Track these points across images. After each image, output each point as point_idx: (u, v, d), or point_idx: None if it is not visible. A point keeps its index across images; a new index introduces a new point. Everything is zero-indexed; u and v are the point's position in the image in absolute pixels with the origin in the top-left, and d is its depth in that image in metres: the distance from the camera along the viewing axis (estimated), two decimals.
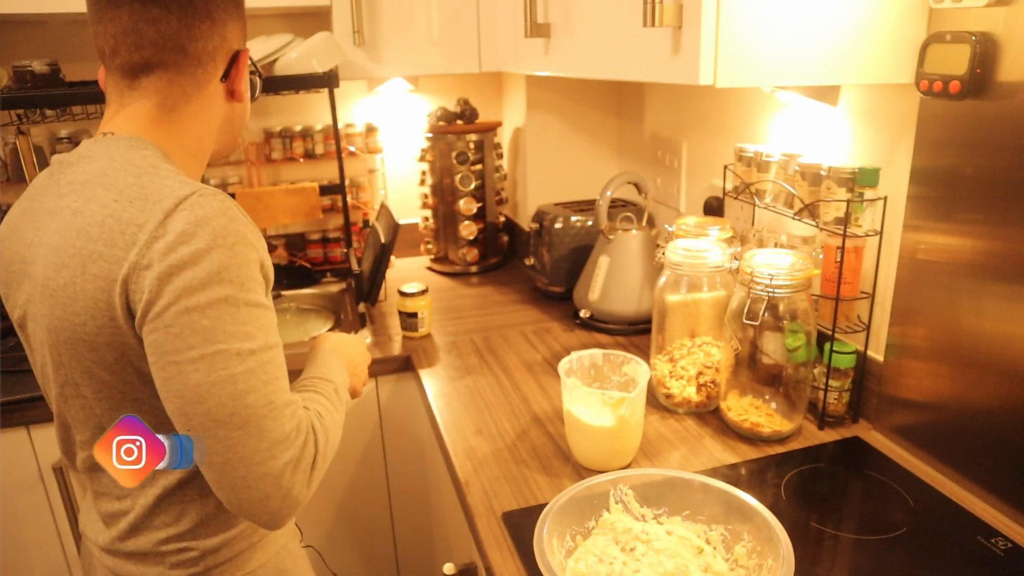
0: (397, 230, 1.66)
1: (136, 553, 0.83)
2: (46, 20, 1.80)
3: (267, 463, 0.70)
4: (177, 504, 0.81)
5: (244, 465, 0.70)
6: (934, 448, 1.05)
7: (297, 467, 0.72)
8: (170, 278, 0.68)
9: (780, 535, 0.76)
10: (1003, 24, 0.87)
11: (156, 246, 0.69)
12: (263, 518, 0.73)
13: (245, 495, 0.71)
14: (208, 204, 0.71)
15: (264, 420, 0.70)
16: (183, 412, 0.70)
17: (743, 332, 1.11)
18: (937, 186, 1.00)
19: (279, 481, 0.71)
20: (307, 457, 0.73)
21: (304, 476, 0.73)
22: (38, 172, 1.67)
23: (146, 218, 0.70)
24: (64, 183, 0.77)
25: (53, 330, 0.75)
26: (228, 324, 0.70)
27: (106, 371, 0.75)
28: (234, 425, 0.69)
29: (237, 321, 0.70)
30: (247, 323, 0.71)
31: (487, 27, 1.73)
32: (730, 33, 0.86)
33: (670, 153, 1.73)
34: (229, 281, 0.70)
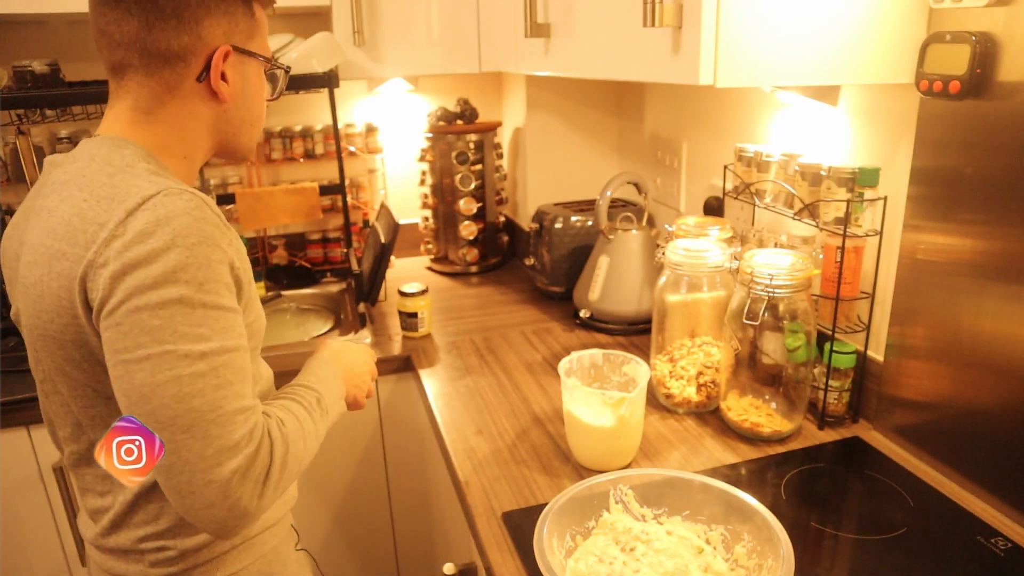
0: (397, 230, 1.66)
1: (118, 550, 0.83)
2: (46, 20, 1.80)
3: (212, 470, 0.68)
4: (155, 503, 0.81)
5: (188, 470, 0.68)
6: (934, 448, 1.05)
7: (246, 476, 0.70)
8: (123, 276, 0.68)
9: (780, 535, 0.76)
10: (1003, 24, 0.87)
11: (114, 244, 0.68)
12: (210, 526, 0.70)
13: (190, 501, 0.69)
14: (172, 203, 0.70)
15: (210, 426, 0.68)
16: (129, 412, 0.69)
17: (743, 332, 1.11)
18: (937, 186, 1.00)
19: (225, 490, 0.69)
20: (259, 467, 0.71)
21: (254, 486, 0.71)
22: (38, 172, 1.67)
23: (108, 217, 0.70)
24: (49, 183, 0.78)
25: (29, 327, 0.77)
26: (180, 325, 0.68)
27: (76, 369, 0.75)
28: (177, 428, 0.68)
29: (191, 322, 0.68)
30: (202, 325, 0.69)
31: (487, 27, 1.73)
32: (730, 33, 0.86)
33: (670, 153, 1.73)
34: (185, 281, 0.68)
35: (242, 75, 0.83)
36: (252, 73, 0.85)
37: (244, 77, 0.83)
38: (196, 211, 0.71)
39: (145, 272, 0.67)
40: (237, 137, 0.87)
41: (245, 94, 0.84)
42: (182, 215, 0.70)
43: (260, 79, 0.86)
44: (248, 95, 0.85)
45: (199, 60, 0.79)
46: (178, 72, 0.79)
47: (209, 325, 0.70)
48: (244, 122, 0.86)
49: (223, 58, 0.79)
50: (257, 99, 0.86)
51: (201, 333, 0.69)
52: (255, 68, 0.85)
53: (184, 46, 0.78)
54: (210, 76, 0.79)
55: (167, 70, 0.78)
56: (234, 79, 0.82)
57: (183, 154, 0.83)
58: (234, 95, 0.83)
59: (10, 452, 1.41)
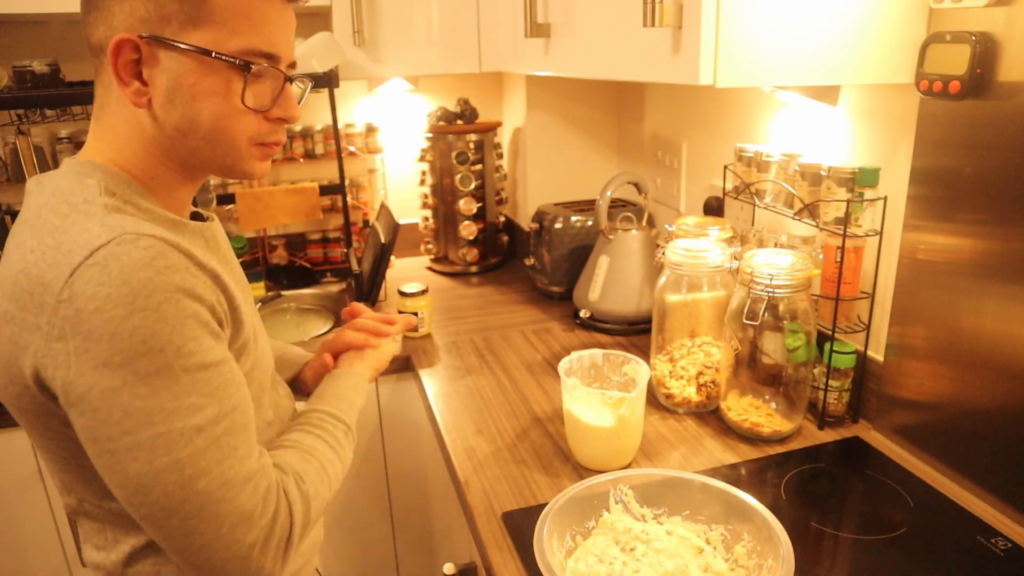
0: (397, 230, 1.66)
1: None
2: (46, 20, 1.80)
3: (229, 548, 0.63)
4: (150, 565, 0.73)
5: (204, 553, 0.63)
6: (934, 448, 1.05)
7: (266, 546, 0.65)
8: (85, 353, 0.59)
9: (780, 535, 0.76)
10: (1003, 24, 0.87)
11: (63, 311, 0.59)
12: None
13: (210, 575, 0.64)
14: (125, 255, 0.60)
15: (220, 504, 0.62)
16: (129, 503, 0.63)
17: (743, 332, 1.11)
18: (937, 186, 1.00)
19: (247, 563, 0.64)
20: (278, 533, 0.66)
21: (277, 552, 0.66)
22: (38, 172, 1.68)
23: (53, 275, 0.60)
24: (20, 217, 0.70)
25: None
26: (167, 401, 0.60)
27: (41, 436, 0.69)
28: (187, 514, 0.62)
29: (177, 394, 0.61)
30: (191, 393, 0.62)
31: (487, 27, 1.73)
32: (730, 33, 0.86)
33: (670, 153, 1.73)
34: (160, 350, 0.60)
35: (168, 72, 0.67)
36: (191, 70, 0.68)
37: (174, 76, 0.67)
38: (157, 260, 0.61)
39: (110, 347, 0.59)
40: (187, 154, 0.72)
41: (178, 97, 0.68)
42: (139, 269, 0.60)
43: (207, 78, 0.68)
44: (183, 98, 0.68)
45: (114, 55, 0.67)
46: (105, 68, 0.69)
47: (199, 391, 0.62)
48: (185, 133, 0.70)
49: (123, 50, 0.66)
50: (204, 103, 0.69)
51: (192, 403, 0.62)
52: (198, 64, 0.67)
53: (101, 38, 0.68)
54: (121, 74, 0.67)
55: (101, 66, 0.70)
56: (156, 78, 0.67)
57: (149, 174, 0.72)
58: (158, 98, 0.68)
59: (10, 452, 1.41)
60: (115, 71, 0.67)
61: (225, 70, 0.69)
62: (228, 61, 0.68)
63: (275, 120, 0.74)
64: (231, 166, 0.74)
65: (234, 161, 0.73)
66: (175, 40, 0.66)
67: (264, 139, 0.74)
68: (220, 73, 0.68)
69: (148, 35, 0.66)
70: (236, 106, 0.70)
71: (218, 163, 0.73)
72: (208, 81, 0.68)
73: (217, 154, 0.72)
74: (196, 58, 0.67)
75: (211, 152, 0.72)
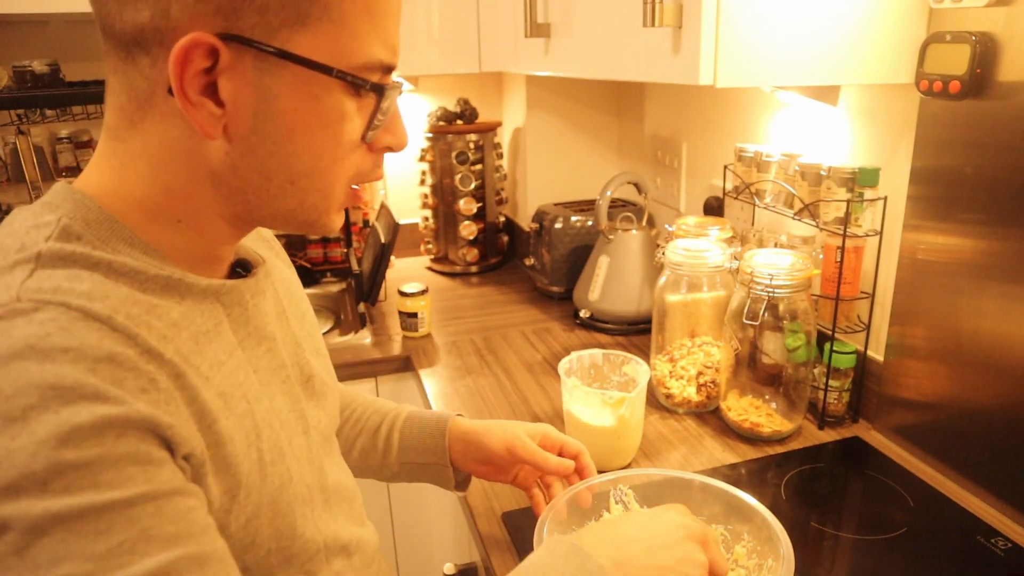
0: (397, 230, 1.66)
1: None
2: (46, 20, 1.80)
3: None
4: None
5: None
6: (934, 448, 1.05)
7: None
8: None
9: (780, 535, 0.76)
10: (1003, 24, 0.87)
11: None
12: None
13: None
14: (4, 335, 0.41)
15: None
16: None
17: (743, 332, 1.11)
18: (937, 186, 1.00)
19: None
20: None
21: None
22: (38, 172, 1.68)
23: None
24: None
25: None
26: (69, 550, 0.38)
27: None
28: None
29: (36, 564, 0.37)
30: (63, 559, 0.38)
31: (487, 27, 1.73)
32: (730, 33, 0.86)
33: (670, 153, 1.73)
34: (14, 489, 0.38)
35: (259, 91, 0.47)
36: (293, 91, 0.48)
37: (267, 97, 0.48)
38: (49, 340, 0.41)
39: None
40: (259, 203, 0.52)
41: (268, 127, 0.48)
42: (19, 356, 0.40)
43: (318, 102, 0.49)
44: (277, 129, 0.49)
45: (166, 55, 0.46)
46: (143, 72, 0.47)
47: (75, 555, 0.38)
48: (268, 177, 0.50)
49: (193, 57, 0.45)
50: (307, 138, 0.49)
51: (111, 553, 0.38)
52: (306, 82, 0.48)
53: (143, 26, 0.46)
54: (185, 89, 0.46)
55: (131, 68, 0.48)
56: (240, 97, 0.47)
57: (174, 215, 0.52)
58: (238, 127, 0.48)
59: None
60: (179, 85, 0.45)
61: (340, 93, 0.49)
62: (353, 82, 0.49)
63: (380, 150, 0.56)
64: (314, 221, 0.54)
65: (320, 215, 0.54)
66: (278, 46, 0.46)
67: (365, 178, 0.56)
68: (334, 94, 0.49)
69: (235, 35, 0.45)
70: (347, 138, 0.51)
71: (299, 218, 0.54)
72: (316, 107, 0.49)
73: (304, 205, 0.53)
74: (306, 73, 0.47)
75: (296, 203, 0.53)
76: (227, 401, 0.51)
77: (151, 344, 0.46)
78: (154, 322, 0.47)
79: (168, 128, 0.49)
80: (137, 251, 0.50)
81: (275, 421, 0.57)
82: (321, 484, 0.63)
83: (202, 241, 0.54)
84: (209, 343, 0.52)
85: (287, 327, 0.64)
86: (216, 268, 0.58)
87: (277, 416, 0.58)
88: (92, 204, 0.50)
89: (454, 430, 0.86)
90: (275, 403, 0.58)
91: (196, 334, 0.51)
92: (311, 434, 0.63)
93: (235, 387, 0.53)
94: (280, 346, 0.61)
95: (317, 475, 0.62)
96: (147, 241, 0.51)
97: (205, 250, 0.55)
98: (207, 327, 0.53)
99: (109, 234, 0.49)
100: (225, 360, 0.53)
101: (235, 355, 0.55)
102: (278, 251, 0.75)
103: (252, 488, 0.52)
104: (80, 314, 0.43)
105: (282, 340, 0.62)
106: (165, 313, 0.49)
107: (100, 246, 0.48)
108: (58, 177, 1.88)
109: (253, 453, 0.53)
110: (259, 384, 0.57)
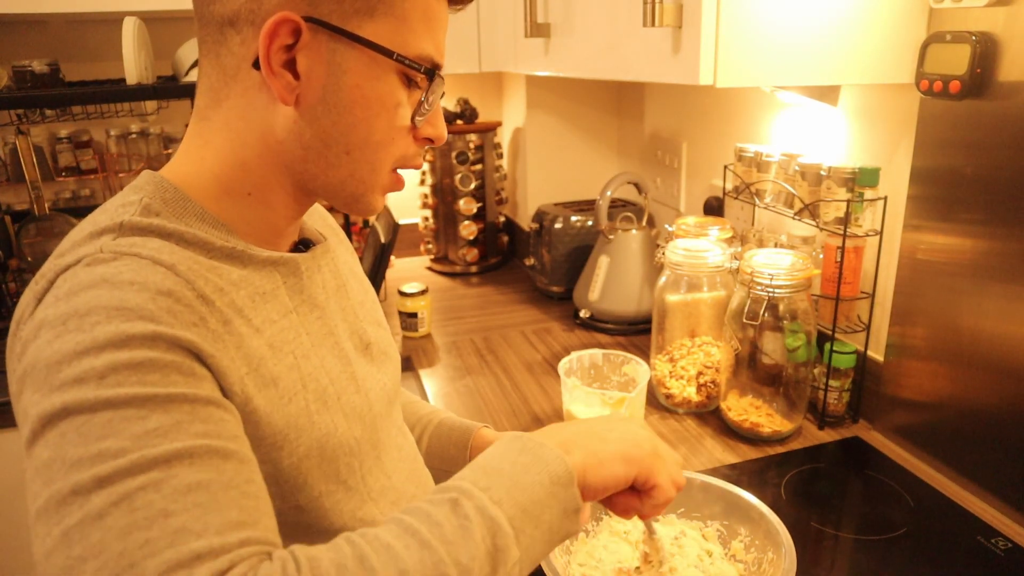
0: (397, 230, 1.66)
1: None
2: (46, 20, 1.80)
3: None
4: None
5: None
6: (934, 448, 1.05)
7: None
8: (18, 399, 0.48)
9: (780, 529, 0.77)
10: (1003, 24, 0.87)
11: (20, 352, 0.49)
12: None
13: None
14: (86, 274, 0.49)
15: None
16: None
17: (743, 332, 1.11)
18: (937, 186, 1.00)
19: None
20: None
21: None
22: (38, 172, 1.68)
23: (22, 311, 0.51)
24: None
25: None
26: (71, 447, 0.43)
27: None
28: None
29: (86, 438, 0.43)
30: (108, 435, 0.43)
31: (487, 27, 1.73)
32: (730, 33, 0.86)
33: (670, 153, 1.73)
34: (76, 380, 0.44)
35: (330, 67, 0.55)
36: (358, 70, 0.56)
37: (336, 73, 0.56)
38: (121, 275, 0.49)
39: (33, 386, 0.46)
40: (316, 171, 0.59)
41: (334, 99, 0.56)
42: (95, 286, 0.48)
43: (378, 83, 0.57)
44: (340, 102, 0.56)
45: (255, 34, 0.55)
46: (233, 50, 0.56)
47: (118, 432, 0.43)
48: (327, 144, 0.58)
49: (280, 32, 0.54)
50: (365, 112, 0.57)
51: (102, 450, 0.43)
52: (369, 63, 0.56)
53: (239, 9, 0.54)
54: (271, 63, 0.54)
55: (222, 48, 0.56)
56: (313, 71, 0.55)
57: (246, 188, 0.59)
58: (309, 97, 0.56)
59: (10, 452, 1.41)
60: (265, 56, 0.54)
61: (395, 76, 0.57)
62: (410, 66, 0.57)
63: (422, 140, 0.63)
64: (359, 196, 0.61)
65: (365, 190, 0.61)
66: (349, 29, 0.55)
67: (408, 163, 0.63)
68: (390, 79, 0.57)
69: (316, 18, 0.54)
70: (399, 122, 0.59)
71: (348, 190, 0.61)
72: (376, 86, 0.57)
73: (355, 176, 0.60)
74: (369, 56, 0.55)
75: (348, 173, 0.60)
76: (275, 352, 0.58)
77: (206, 292, 0.53)
78: (212, 278, 0.54)
79: (249, 101, 0.57)
80: (207, 225, 0.58)
81: (323, 377, 0.63)
82: (373, 440, 0.67)
83: (269, 214, 0.61)
84: (265, 303, 0.59)
85: (346, 300, 0.71)
86: (279, 243, 0.65)
87: (327, 373, 0.63)
88: (170, 186, 0.57)
89: (477, 442, 0.87)
90: (325, 363, 0.64)
91: (253, 294, 0.58)
92: (367, 395, 0.68)
93: (284, 343, 0.59)
94: (331, 316, 0.67)
95: (369, 432, 0.66)
96: (217, 217, 0.58)
97: (271, 224, 0.62)
98: (264, 290, 0.60)
99: (183, 211, 0.57)
100: (277, 320, 0.60)
101: (289, 317, 0.61)
102: (342, 239, 0.83)
103: (302, 431, 0.58)
104: (149, 261, 0.51)
105: (335, 311, 0.69)
106: (225, 274, 0.56)
107: (175, 220, 0.56)
108: (57, 177, 1.88)
109: (300, 400, 0.59)
110: (310, 345, 0.62)
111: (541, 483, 0.52)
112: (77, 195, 1.94)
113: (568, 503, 0.53)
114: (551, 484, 0.52)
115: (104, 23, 1.82)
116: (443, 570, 0.45)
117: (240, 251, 0.58)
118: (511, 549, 0.49)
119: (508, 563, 0.48)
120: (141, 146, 1.89)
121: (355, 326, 0.72)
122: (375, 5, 0.55)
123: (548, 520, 0.52)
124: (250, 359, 0.55)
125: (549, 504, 0.52)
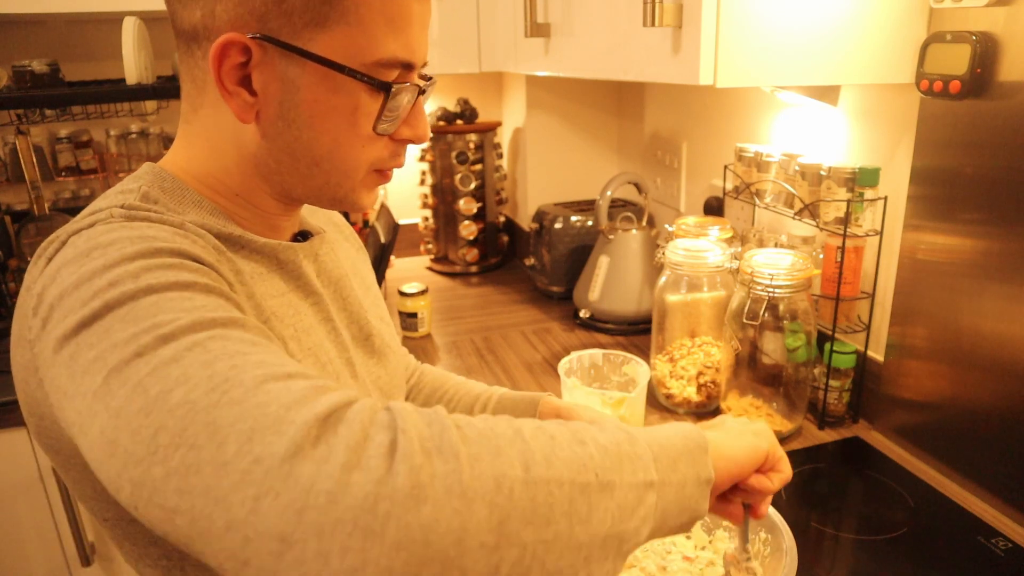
0: (397, 230, 1.66)
1: None
2: (46, 20, 1.80)
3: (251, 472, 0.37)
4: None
5: (219, 507, 0.37)
6: (934, 448, 1.05)
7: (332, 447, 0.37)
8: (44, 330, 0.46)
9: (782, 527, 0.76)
10: (1003, 24, 0.87)
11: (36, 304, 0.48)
12: None
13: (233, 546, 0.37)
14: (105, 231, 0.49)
15: (215, 410, 0.39)
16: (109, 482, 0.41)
17: (743, 332, 1.11)
18: (937, 186, 1.00)
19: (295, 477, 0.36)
20: (355, 431, 0.38)
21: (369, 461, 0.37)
22: (37, 172, 1.68)
23: (33, 276, 0.50)
24: None
25: None
26: (119, 332, 0.42)
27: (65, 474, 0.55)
28: (166, 447, 0.38)
29: (136, 318, 0.43)
30: (158, 312, 0.43)
31: (487, 27, 1.73)
32: (730, 33, 0.86)
33: (670, 153, 1.73)
34: (112, 283, 0.44)
35: (284, 83, 0.55)
36: (312, 85, 0.55)
37: (290, 89, 0.55)
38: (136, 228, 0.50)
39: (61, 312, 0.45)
40: (293, 181, 0.60)
41: (292, 114, 0.56)
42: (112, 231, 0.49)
43: (335, 95, 0.55)
44: (300, 116, 0.56)
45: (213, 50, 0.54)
46: (199, 63, 0.56)
47: (167, 309, 0.44)
48: (295, 157, 0.58)
49: (229, 53, 0.53)
50: (325, 125, 0.56)
51: (156, 322, 0.43)
52: (323, 77, 0.54)
53: (196, 23, 0.54)
54: (225, 79, 0.54)
55: (191, 60, 0.57)
56: (268, 87, 0.55)
57: (233, 190, 0.60)
58: (268, 113, 0.56)
59: (10, 452, 1.41)
60: (217, 78, 0.54)
61: (355, 87, 0.55)
62: (362, 79, 0.55)
63: (400, 141, 0.62)
64: (342, 198, 0.62)
65: (346, 193, 0.61)
66: (297, 45, 0.53)
67: (385, 165, 0.62)
68: (349, 90, 0.55)
69: (263, 35, 0.53)
70: (363, 131, 0.58)
71: (328, 195, 0.61)
72: (333, 100, 0.55)
73: (330, 183, 0.60)
74: (321, 71, 0.54)
75: (323, 181, 0.60)
76: (279, 321, 0.60)
77: (209, 261, 0.52)
78: (213, 251, 0.54)
79: (220, 113, 0.58)
80: (205, 212, 0.59)
81: (322, 355, 0.64)
82: None
83: (259, 212, 0.63)
84: (263, 281, 0.60)
85: (347, 291, 0.71)
86: (276, 235, 0.66)
87: (325, 353, 0.64)
88: (168, 176, 0.59)
89: (545, 407, 0.85)
90: (323, 344, 0.65)
91: (252, 273, 0.59)
92: (363, 383, 0.69)
93: (285, 316, 0.61)
94: (327, 304, 0.68)
95: None
96: (214, 206, 0.60)
97: (265, 219, 0.63)
98: (261, 271, 0.61)
99: (181, 199, 0.58)
100: (277, 296, 0.61)
101: (287, 295, 0.63)
102: (348, 234, 0.83)
103: None
104: (158, 223, 0.52)
105: (333, 300, 0.69)
106: (223, 252, 0.57)
107: (174, 207, 0.57)
108: (57, 177, 1.88)
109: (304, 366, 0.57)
110: (308, 324, 0.64)
111: (677, 434, 0.52)
112: (77, 195, 1.94)
113: (702, 470, 0.51)
114: (685, 439, 0.52)
115: (104, 23, 1.82)
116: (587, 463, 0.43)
117: (238, 236, 0.60)
118: (650, 471, 0.47)
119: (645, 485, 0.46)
120: (141, 146, 1.89)
121: (355, 316, 0.72)
122: (327, 14, 0.53)
123: (683, 473, 0.49)
124: (260, 312, 0.57)
125: (684, 458, 0.50)
